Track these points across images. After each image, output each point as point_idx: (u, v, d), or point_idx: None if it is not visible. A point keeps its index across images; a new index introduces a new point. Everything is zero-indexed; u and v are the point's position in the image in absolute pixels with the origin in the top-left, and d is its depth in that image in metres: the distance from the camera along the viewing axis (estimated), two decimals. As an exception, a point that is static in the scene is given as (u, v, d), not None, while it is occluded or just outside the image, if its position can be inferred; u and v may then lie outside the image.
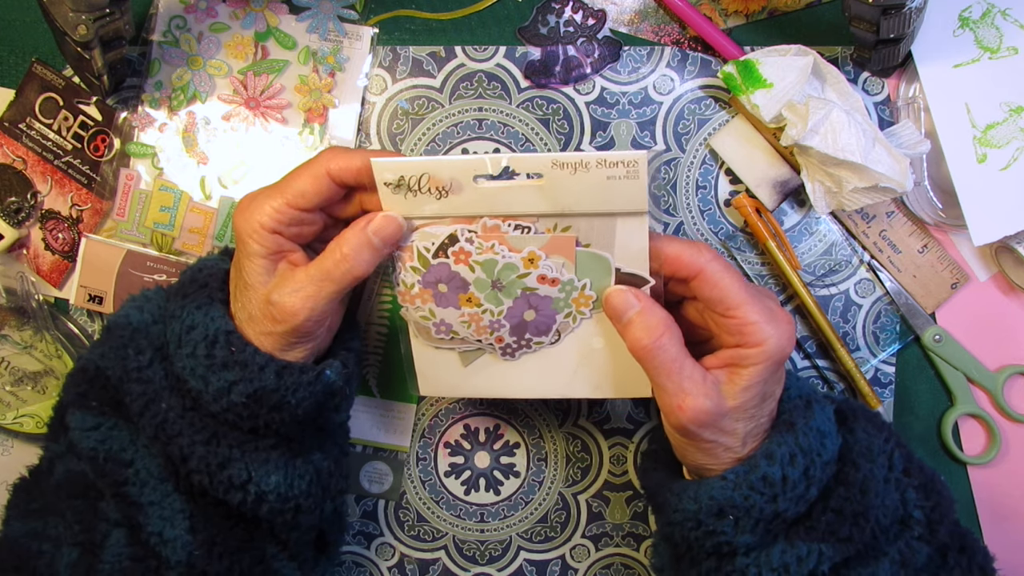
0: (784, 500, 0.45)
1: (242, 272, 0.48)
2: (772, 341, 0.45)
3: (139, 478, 0.48)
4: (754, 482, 0.45)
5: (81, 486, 0.48)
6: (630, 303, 0.47)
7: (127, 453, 0.48)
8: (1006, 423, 0.60)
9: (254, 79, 0.61)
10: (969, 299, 0.60)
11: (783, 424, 0.47)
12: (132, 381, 0.48)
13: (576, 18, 0.60)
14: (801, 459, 0.46)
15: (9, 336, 0.62)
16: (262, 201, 0.47)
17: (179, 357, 0.48)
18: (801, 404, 0.48)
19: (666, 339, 0.46)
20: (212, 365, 0.47)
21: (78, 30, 0.52)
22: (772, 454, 0.45)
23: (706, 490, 0.46)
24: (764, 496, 0.45)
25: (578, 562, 0.63)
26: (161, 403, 0.47)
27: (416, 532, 0.63)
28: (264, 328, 0.47)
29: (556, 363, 0.52)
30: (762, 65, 0.55)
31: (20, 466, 0.53)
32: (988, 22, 0.57)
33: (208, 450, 0.47)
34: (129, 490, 0.47)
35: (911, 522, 0.48)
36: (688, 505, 0.47)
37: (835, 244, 0.60)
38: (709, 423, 0.45)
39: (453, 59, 0.61)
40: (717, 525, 0.46)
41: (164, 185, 0.61)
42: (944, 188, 0.58)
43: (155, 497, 0.47)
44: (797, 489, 0.45)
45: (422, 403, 0.63)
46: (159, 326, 0.50)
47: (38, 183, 0.62)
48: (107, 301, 0.62)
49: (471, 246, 0.48)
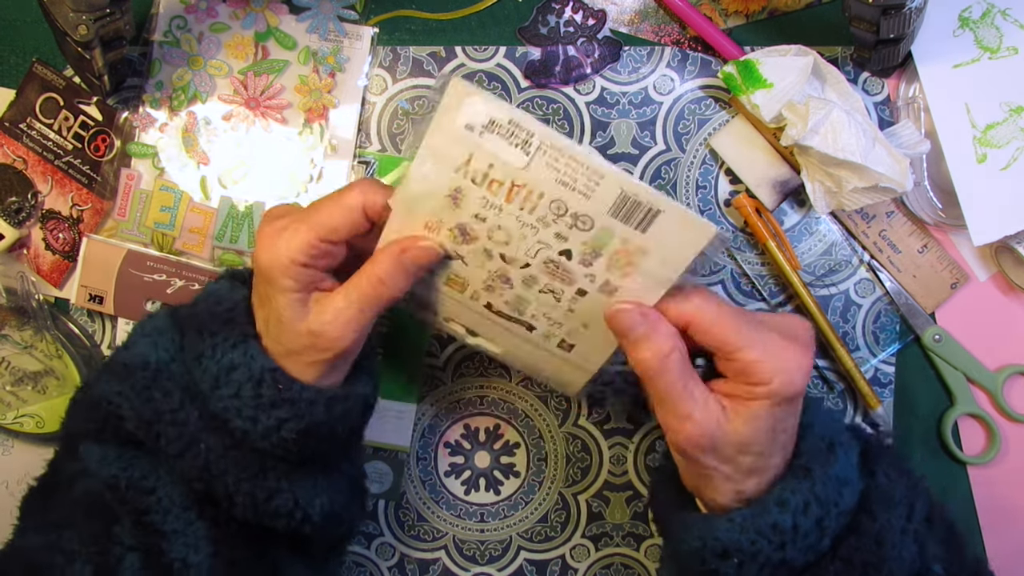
0: (793, 549, 0.43)
1: (275, 309, 0.46)
2: (777, 379, 0.43)
3: (162, 506, 0.47)
4: (762, 527, 0.43)
5: (97, 507, 0.47)
6: (636, 321, 0.45)
7: (149, 481, 0.47)
8: (1006, 423, 0.60)
9: (254, 79, 0.61)
10: (969, 299, 0.60)
11: (800, 469, 0.45)
12: (166, 424, 0.46)
13: (576, 18, 0.60)
14: (816, 508, 0.44)
15: (9, 336, 0.62)
16: (291, 236, 0.45)
17: (218, 398, 0.46)
18: (823, 447, 0.46)
19: (672, 359, 0.44)
20: (260, 405, 0.45)
21: (78, 30, 0.52)
22: (785, 501, 0.43)
23: (711, 530, 0.44)
24: (772, 544, 0.43)
25: (578, 562, 0.63)
26: (200, 444, 0.46)
27: (416, 532, 0.63)
28: (308, 359, 0.46)
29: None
30: (762, 65, 0.55)
31: (20, 466, 0.53)
32: (988, 22, 0.57)
33: (255, 485, 0.47)
34: (152, 518, 0.46)
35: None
36: (693, 542, 0.45)
37: (835, 244, 0.60)
38: (709, 448, 0.44)
39: (453, 59, 0.61)
40: (720, 566, 0.44)
41: (165, 185, 0.61)
42: (944, 188, 0.58)
43: (178, 525, 0.47)
44: (808, 539, 0.44)
45: (422, 403, 0.63)
46: (179, 364, 0.48)
47: (39, 183, 0.62)
48: (107, 301, 0.62)
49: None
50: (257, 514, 0.47)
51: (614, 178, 0.43)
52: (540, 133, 0.43)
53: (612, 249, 0.45)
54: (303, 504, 0.48)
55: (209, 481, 0.46)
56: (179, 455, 0.46)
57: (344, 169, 0.61)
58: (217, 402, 0.46)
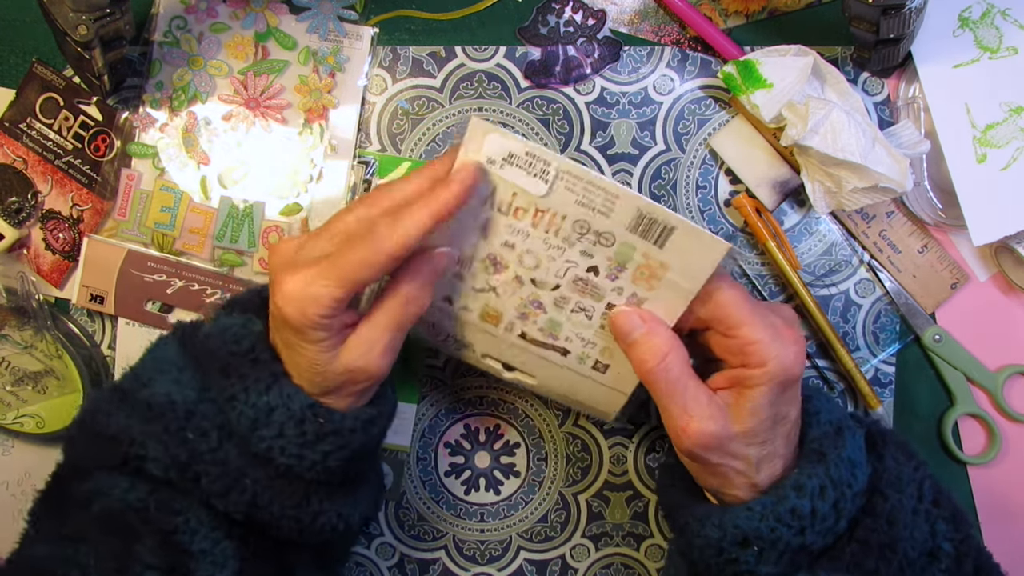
0: (812, 533, 0.44)
1: (307, 357, 0.45)
2: (775, 362, 0.44)
3: (189, 527, 0.46)
4: (782, 514, 0.44)
5: (117, 525, 0.47)
6: (635, 324, 0.47)
7: (177, 503, 0.47)
8: (1006, 423, 0.60)
9: (254, 79, 0.61)
10: (969, 299, 0.60)
11: (813, 454, 0.46)
12: (207, 464, 0.46)
13: (576, 18, 0.60)
14: (831, 492, 0.44)
15: (9, 336, 0.62)
16: (320, 291, 0.43)
17: (259, 439, 0.46)
18: (832, 432, 0.46)
19: (670, 360, 0.45)
20: (305, 442, 0.46)
21: (78, 30, 0.52)
22: (802, 486, 0.44)
23: (731, 519, 0.44)
24: (792, 529, 0.44)
25: (578, 562, 0.63)
26: (246, 479, 0.46)
27: (416, 532, 0.63)
28: (345, 392, 0.46)
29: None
30: (762, 65, 0.55)
31: (20, 466, 0.53)
32: (988, 22, 0.57)
33: (300, 511, 0.47)
34: (180, 538, 0.46)
35: (940, 554, 0.46)
36: (711, 532, 0.45)
37: (835, 244, 0.60)
38: (715, 447, 0.44)
39: (453, 59, 0.61)
40: (740, 554, 0.44)
41: (165, 185, 0.61)
42: (944, 188, 0.58)
43: (206, 545, 0.46)
44: (826, 522, 0.44)
45: (422, 403, 0.63)
46: (208, 404, 0.47)
47: (39, 183, 0.62)
48: (108, 301, 0.62)
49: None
50: (302, 535, 0.48)
51: (629, 197, 0.46)
52: (556, 161, 0.46)
53: (635, 263, 0.47)
54: (345, 516, 0.49)
55: (253, 512, 0.47)
56: (224, 493, 0.46)
57: (344, 169, 0.61)
58: (259, 443, 0.46)
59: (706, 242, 0.45)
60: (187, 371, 0.48)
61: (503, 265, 0.49)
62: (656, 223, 0.46)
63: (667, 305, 0.47)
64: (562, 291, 0.49)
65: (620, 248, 0.47)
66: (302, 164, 0.61)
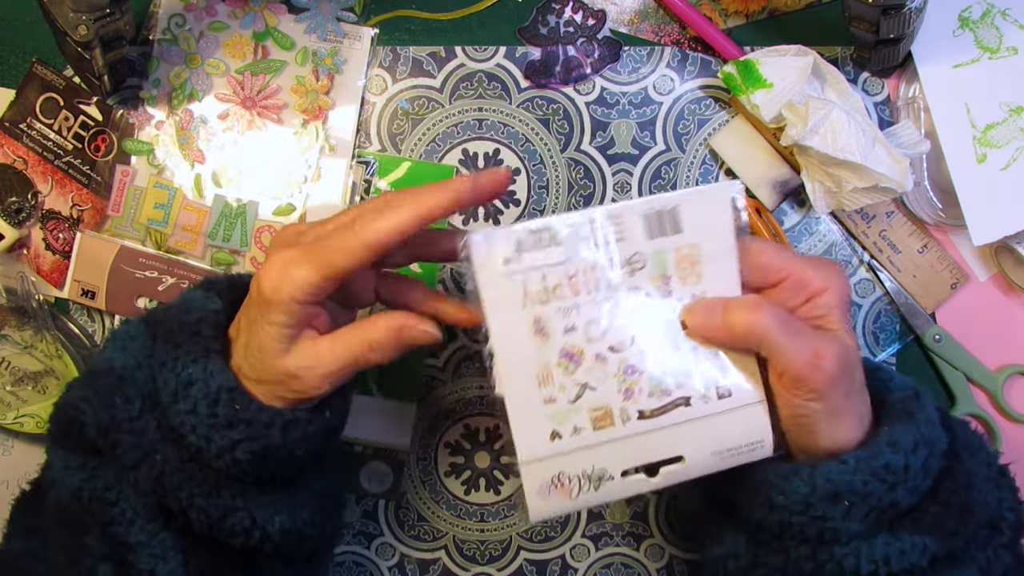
0: (903, 490, 0.44)
1: (260, 336, 0.44)
2: (834, 280, 0.45)
3: (125, 518, 0.45)
4: (877, 469, 0.43)
5: (68, 517, 0.46)
6: (710, 307, 0.45)
7: (111, 493, 0.46)
8: (1006, 423, 0.60)
9: (251, 79, 0.61)
10: (969, 299, 0.60)
11: (902, 413, 0.46)
12: (123, 432, 0.45)
13: (576, 18, 0.60)
14: (923, 448, 0.44)
15: (9, 336, 0.62)
16: (297, 270, 0.43)
17: (176, 412, 0.45)
18: (912, 394, 0.47)
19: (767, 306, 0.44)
20: (215, 424, 0.44)
21: (78, 30, 0.52)
22: (896, 441, 0.44)
23: (823, 473, 0.44)
24: (885, 484, 0.43)
25: (578, 562, 0.63)
26: (156, 455, 0.45)
27: (416, 532, 0.63)
28: (276, 392, 0.45)
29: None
30: (762, 65, 0.55)
31: (20, 466, 0.53)
32: (988, 22, 0.57)
33: (209, 502, 0.45)
34: (116, 529, 0.45)
35: (1002, 525, 0.46)
36: (800, 488, 0.44)
37: (835, 244, 0.60)
38: (850, 364, 0.44)
39: (453, 59, 0.61)
40: (828, 510, 0.44)
41: (159, 182, 0.61)
42: (944, 188, 0.58)
43: (143, 537, 0.45)
44: (916, 479, 0.44)
45: (422, 403, 0.63)
46: (144, 371, 0.46)
47: (39, 183, 0.62)
48: (99, 296, 0.62)
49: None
50: (212, 531, 0.46)
51: (629, 209, 0.45)
52: (556, 220, 0.45)
53: (673, 264, 0.45)
54: (261, 523, 0.47)
55: (163, 495, 0.45)
56: (134, 466, 0.45)
57: (343, 169, 0.61)
58: (174, 416, 0.45)
59: (711, 195, 0.45)
60: (138, 340, 0.47)
61: (578, 353, 0.46)
62: (663, 213, 0.45)
63: (722, 277, 0.46)
64: (640, 339, 0.46)
65: (653, 261, 0.45)
66: (297, 164, 0.61)
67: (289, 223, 0.47)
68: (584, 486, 0.47)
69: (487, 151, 0.61)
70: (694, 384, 0.46)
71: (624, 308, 0.46)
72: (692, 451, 0.46)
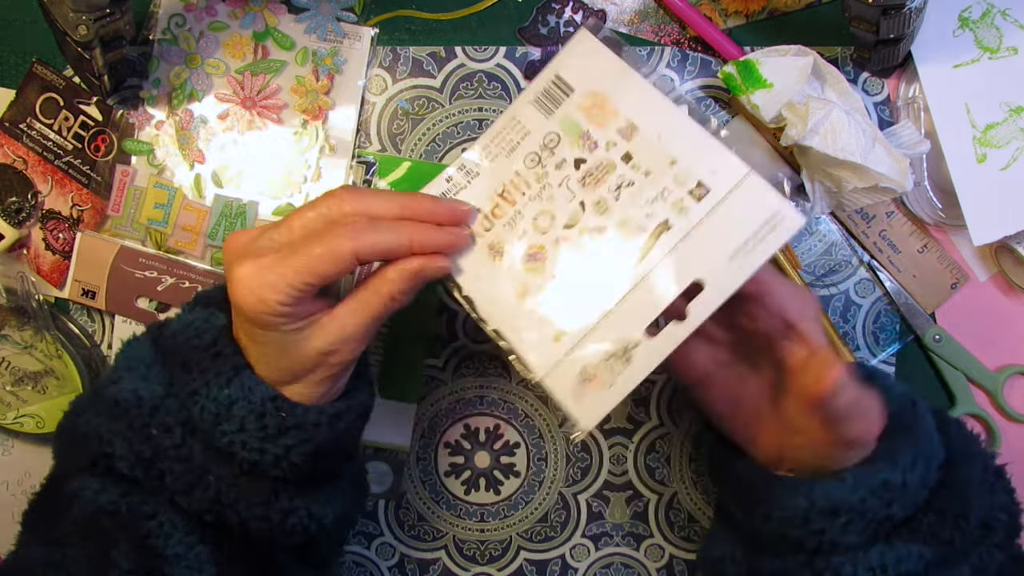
0: (900, 505, 0.44)
1: (273, 343, 0.44)
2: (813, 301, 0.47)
3: (163, 531, 0.46)
4: (874, 486, 0.44)
5: (94, 530, 0.46)
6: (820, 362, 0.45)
7: (148, 506, 0.46)
8: (1006, 423, 0.60)
9: (251, 79, 0.61)
10: (969, 299, 0.60)
11: (901, 427, 0.46)
12: (171, 461, 0.45)
13: (576, 18, 0.60)
14: (922, 464, 0.44)
15: (9, 336, 0.62)
16: (275, 282, 0.42)
17: (221, 434, 0.45)
18: (908, 405, 0.47)
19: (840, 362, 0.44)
20: (266, 436, 0.45)
21: (78, 30, 0.52)
22: (895, 458, 0.44)
23: (821, 489, 0.44)
24: (881, 500, 0.44)
25: (578, 562, 0.63)
26: (209, 476, 0.45)
27: (416, 532, 0.63)
28: (316, 377, 0.45)
29: None
30: (762, 65, 0.55)
31: (20, 466, 0.53)
32: (988, 22, 0.57)
33: (268, 509, 0.46)
34: (153, 542, 0.46)
35: (996, 526, 0.47)
36: (799, 502, 0.45)
37: (835, 244, 0.60)
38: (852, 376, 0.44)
39: (453, 59, 0.61)
40: (826, 525, 0.44)
41: (159, 182, 0.61)
42: (944, 188, 0.58)
43: (180, 549, 0.46)
44: (914, 494, 0.45)
45: (422, 403, 0.63)
46: (173, 399, 0.46)
47: (39, 183, 0.62)
48: (100, 296, 0.62)
49: None
50: (273, 535, 0.47)
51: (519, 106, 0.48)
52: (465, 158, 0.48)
53: (583, 119, 0.46)
54: (317, 516, 0.48)
55: (220, 511, 0.46)
56: (187, 490, 0.46)
57: (342, 169, 0.61)
58: (221, 438, 0.45)
59: (579, 45, 0.46)
60: (155, 367, 0.47)
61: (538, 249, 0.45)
62: (548, 89, 0.47)
63: (637, 98, 0.45)
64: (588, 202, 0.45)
65: (564, 128, 0.46)
66: (297, 164, 0.61)
67: (235, 232, 0.46)
68: (615, 367, 0.43)
69: (487, 151, 0.61)
70: (663, 205, 0.43)
71: (562, 186, 0.46)
72: (706, 270, 0.42)
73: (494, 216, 0.47)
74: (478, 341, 0.62)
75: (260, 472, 0.46)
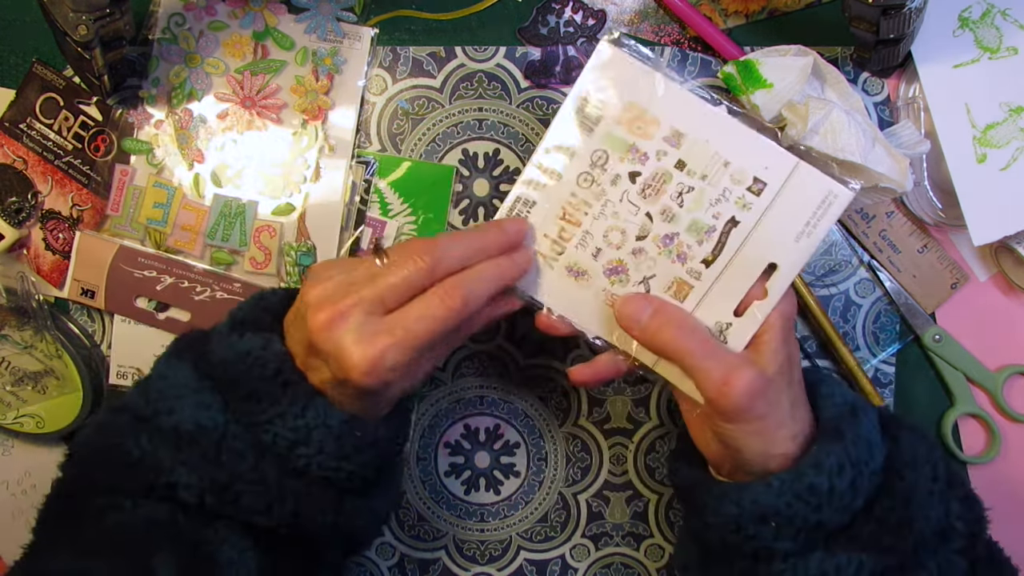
0: (829, 510, 0.44)
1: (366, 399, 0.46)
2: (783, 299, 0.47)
3: (218, 536, 0.47)
4: (800, 491, 0.44)
5: (133, 540, 0.46)
6: (643, 305, 0.48)
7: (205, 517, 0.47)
8: (1006, 423, 0.60)
9: (251, 78, 0.61)
10: (969, 299, 0.60)
11: (831, 432, 0.46)
12: (246, 483, 0.46)
13: (576, 18, 0.60)
14: (849, 470, 0.45)
15: (9, 336, 0.62)
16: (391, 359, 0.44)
17: (299, 457, 0.46)
18: (847, 411, 0.47)
19: (690, 322, 0.47)
20: (343, 456, 0.46)
21: (78, 30, 0.52)
22: (820, 464, 0.44)
23: (749, 495, 0.45)
24: (809, 505, 0.44)
25: (578, 562, 0.63)
26: (285, 494, 0.47)
27: (416, 532, 0.63)
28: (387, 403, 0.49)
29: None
30: (762, 65, 0.55)
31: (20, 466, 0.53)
32: (988, 22, 0.57)
33: (340, 517, 0.48)
34: (208, 549, 0.46)
35: (953, 534, 0.46)
36: (729, 509, 0.46)
37: (835, 244, 0.60)
38: (759, 392, 0.45)
39: (453, 59, 0.61)
40: (758, 530, 0.45)
41: (158, 181, 0.61)
42: (944, 188, 0.58)
43: (234, 554, 0.47)
44: (843, 500, 0.45)
45: (422, 403, 0.63)
46: (235, 425, 0.47)
47: (39, 183, 0.62)
48: (99, 296, 0.62)
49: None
50: (337, 533, 0.49)
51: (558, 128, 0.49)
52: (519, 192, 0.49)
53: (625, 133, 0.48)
54: (377, 512, 0.51)
55: (295, 524, 0.47)
56: (266, 510, 0.46)
57: (342, 169, 0.61)
58: (297, 460, 0.46)
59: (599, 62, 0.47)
60: (205, 393, 0.47)
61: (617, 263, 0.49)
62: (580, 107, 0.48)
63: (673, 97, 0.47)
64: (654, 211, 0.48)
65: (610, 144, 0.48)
66: (296, 164, 0.61)
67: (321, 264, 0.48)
68: None
69: (487, 151, 0.61)
70: (727, 204, 0.47)
71: (623, 200, 0.48)
72: (777, 254, 0.47)
73: (563, 239, 0.49)
74: (478, 341, 0.62)
75: (330, 483, 0.47)
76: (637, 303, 0.48)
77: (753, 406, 0.45)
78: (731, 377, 0.45)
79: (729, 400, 0.45)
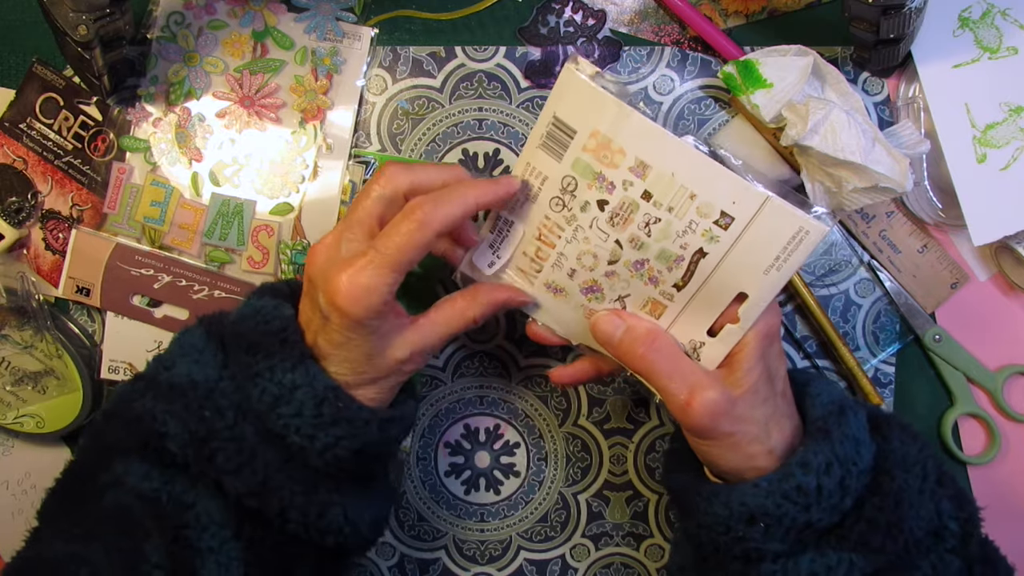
0: (818, 510, 0.44)
1: (360, 348, 0.47)
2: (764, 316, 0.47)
3: (200, 522, 0.47)
4: (788, 491, 0.44)
5: (127, 521, 0.47)
6: (616, 324, 0.48)
7: (189, 496, 0.47)
8: (1006, 423, 0.60)
9: (250, 77, 0.61)
10: (969, 299, 0.60)
11: (818, 431, 0.46)
12: (223, 440, 0.47)
13: (576, 18, 0.60)
14: (837, 469, 0.45)
15: (9, 336, 0.62)
16: (375, 278, 0.45)
17: (277, 416, 0.47)
18: (835, 410, 0.47)
19: (660, 342, 0.47)
20: (320, 423, 0.47)
21: (78, 30, 0.52)
22: (807, 463, 0.45)
23: (738, 496, 0.45)
24: (797, 505, 0.44)
25: (578, 562, 0.63)
26: (258, 458, 0.47)
27: (416, 532, 0.63)
28: (389, 383, 0.49)
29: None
30: (762, 65, 0.55)
31: (20, 466, 0.53)
32: (988, 22, 0.57)
33: (308, 499, 0.48)
34: (188, 533, 0.47)
35: (945, 534, 0.46)
36: (718, 510, 0.46)
37: (835, 244, 0.60)
38: (722, 412, 0.45)
39: (453, 59, 0.61)
40: (747, 531, 0.45)
41: (156, 180, 0.61)
42: (944, 188, 0.58)
43: (214, 543, 0.47)
44: (832, 499, 0.45)
45: (422, 403, 0.63)
46: (227, 382, 0.48)
47: (39, 183, 0.62)
48: (95, 293, 0.62)
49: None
50: (308, 531, 0.48)
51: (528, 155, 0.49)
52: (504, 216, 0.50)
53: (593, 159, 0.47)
54: (352, 518, 0.49)
55: (263, 495, 0.47)
56: (236, 471, 0.47)
57: (340, 168, 0.61)
58: (276, 420, 0.47)
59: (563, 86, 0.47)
60: (207, 352, 0.49)
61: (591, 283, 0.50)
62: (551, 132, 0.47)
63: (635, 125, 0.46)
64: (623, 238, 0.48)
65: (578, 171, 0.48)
66: (294, 164, 0.61)
67: (316, 244, 0.49)
68: None
69: (487, 151, 0.61)
70: (694, 236, 0.47)
71: (593, 227, 0.48)
72: (747, 285, 0.46)
73: (539, 258, 0.50)
74: (478, 341, 0.62)
75: (306, 461, 0.47)
76: (610, 322, 0.49)
77: (716, 425, 0.45)
78: (692, 398, 0.45)
79: (692, 420, 0.45)
